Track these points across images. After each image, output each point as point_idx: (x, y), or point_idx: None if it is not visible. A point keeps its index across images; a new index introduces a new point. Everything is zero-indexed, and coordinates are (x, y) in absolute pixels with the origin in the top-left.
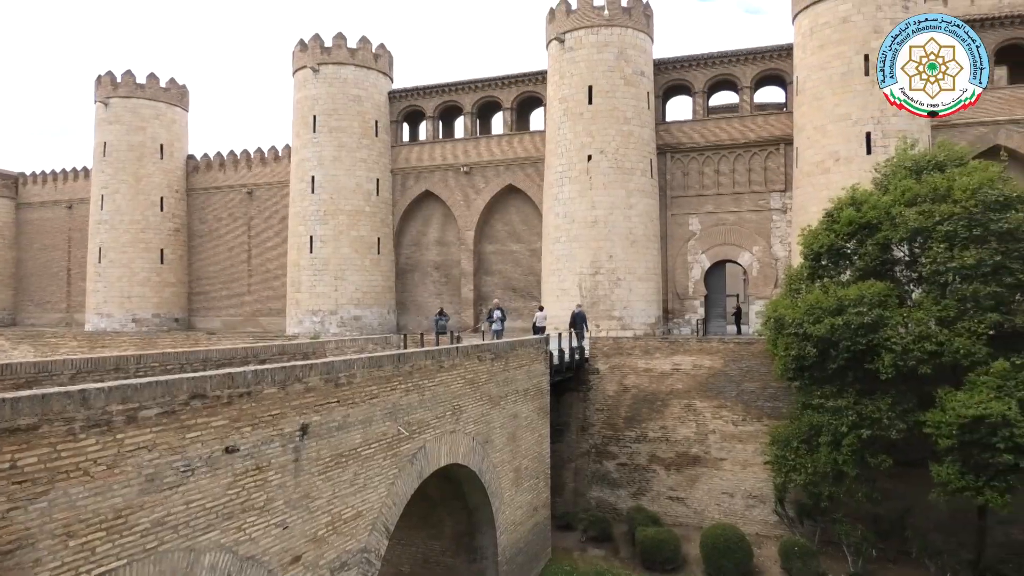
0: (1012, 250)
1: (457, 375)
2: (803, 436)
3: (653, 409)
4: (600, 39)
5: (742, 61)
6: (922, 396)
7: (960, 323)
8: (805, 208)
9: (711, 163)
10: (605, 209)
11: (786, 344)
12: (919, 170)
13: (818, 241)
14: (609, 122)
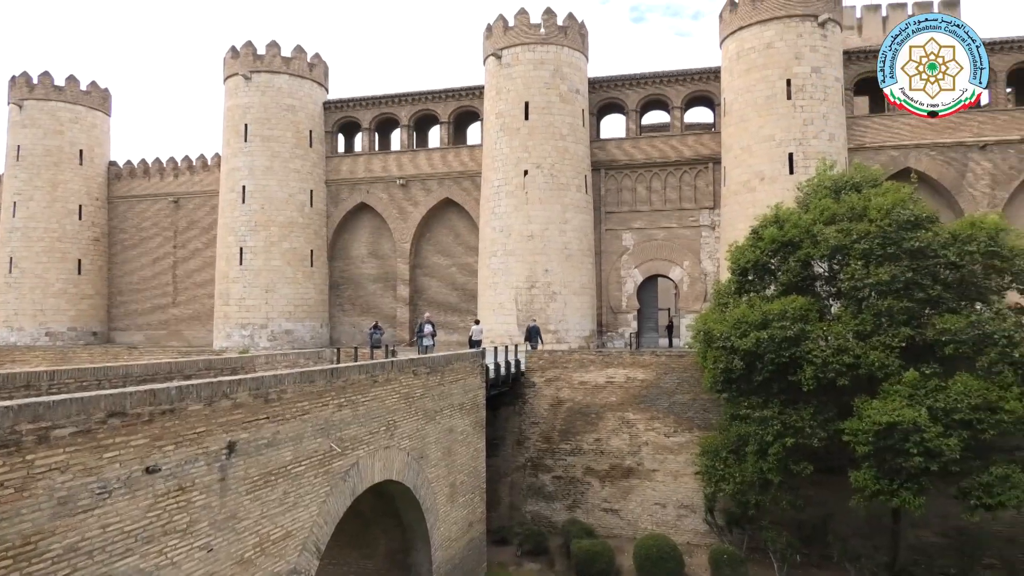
0: (922, 267)
1: (392, 390)
2: (731, 446)
3: (588, 422)
4: (537, 56)
5: (673, 82)
6: (841, 406)
7: (875, 336)
8: (733, 225)
9: (643, 180)
10: (541, 223)
11: (715, 357)
12: (838, 190)
13: (744, 257)
14: (545, 138)
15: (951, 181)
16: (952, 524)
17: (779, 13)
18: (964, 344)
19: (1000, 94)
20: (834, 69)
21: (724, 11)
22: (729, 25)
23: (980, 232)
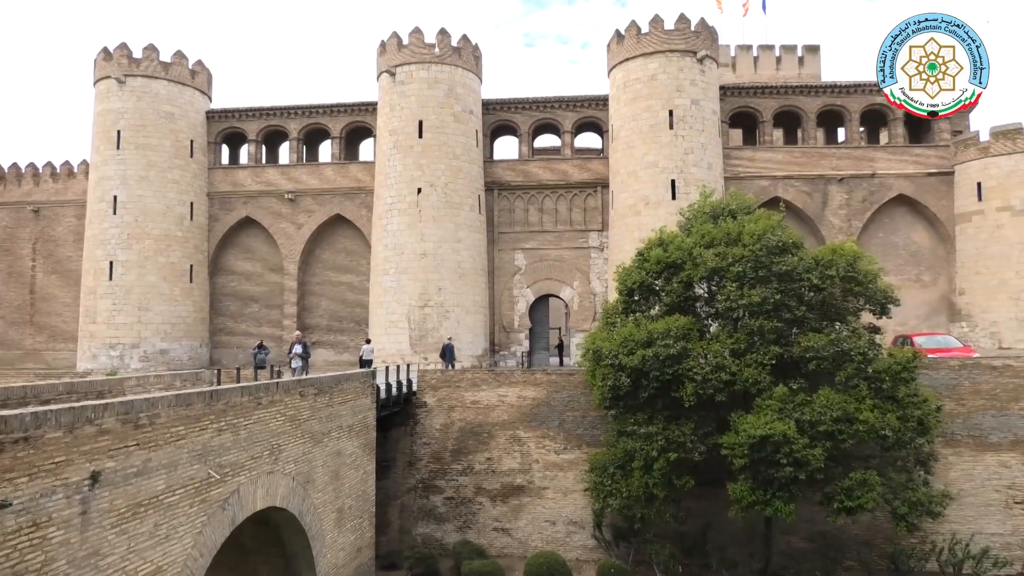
0: (789, 289)
1: (277, 412)
2: (619, 462)
3: (480, 441)
4: (431, 75)
5: (564, 107)
6: (720, 420)
7: (749, 354)
8: (620, 247)
9: (536, 201)
10: (435, 242)
11: (603, 375)
12: (716, 216)
13: (631, 278)
14: (439, 157)
15: (814, 210)
16: (817, 529)
17: (662, 48)
18: (825, 361)
19: (854, 132)
20: (712, 102)
21: (612, 43)
22: (616, 56)
23: (839, 258)
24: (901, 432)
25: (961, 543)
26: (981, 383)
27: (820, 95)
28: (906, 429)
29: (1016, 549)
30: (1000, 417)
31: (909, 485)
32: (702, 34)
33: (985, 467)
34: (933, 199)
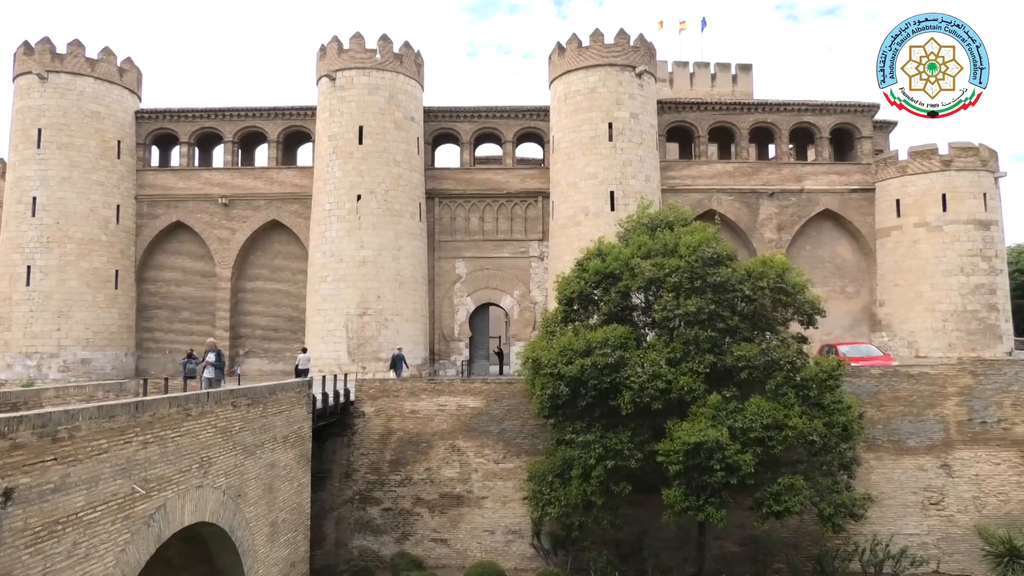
0: (723, 300)
1: (207, 423)
2: (557, 470)
3: (418, 451)
4: (372, 81)
5: (506, 117)
6: (656, 428)
7: (684, 363)
8: (560, 256)
9: (477, 210)
10: (374, 249)
11: (542, 383)
12: (653, 227)
13: (570, 287)
14: (379, 163)
15: (746, 223)
16: (748, 533)
17: (602, 61)
18: (757, 369)
19: (784, 149)
20: (650, 116)
21: (553, 54)
22: (557, 68)
23: (770, 270)
24: (827, 438)
25: (881, 543)
26: (900, 390)
27: (752, 112)
28: (831, 435)
29: (931, 548)
30: (917, 422)
31: (834, 488)
32: (641, 49)
33: (903, 470)
34: (856, 214)
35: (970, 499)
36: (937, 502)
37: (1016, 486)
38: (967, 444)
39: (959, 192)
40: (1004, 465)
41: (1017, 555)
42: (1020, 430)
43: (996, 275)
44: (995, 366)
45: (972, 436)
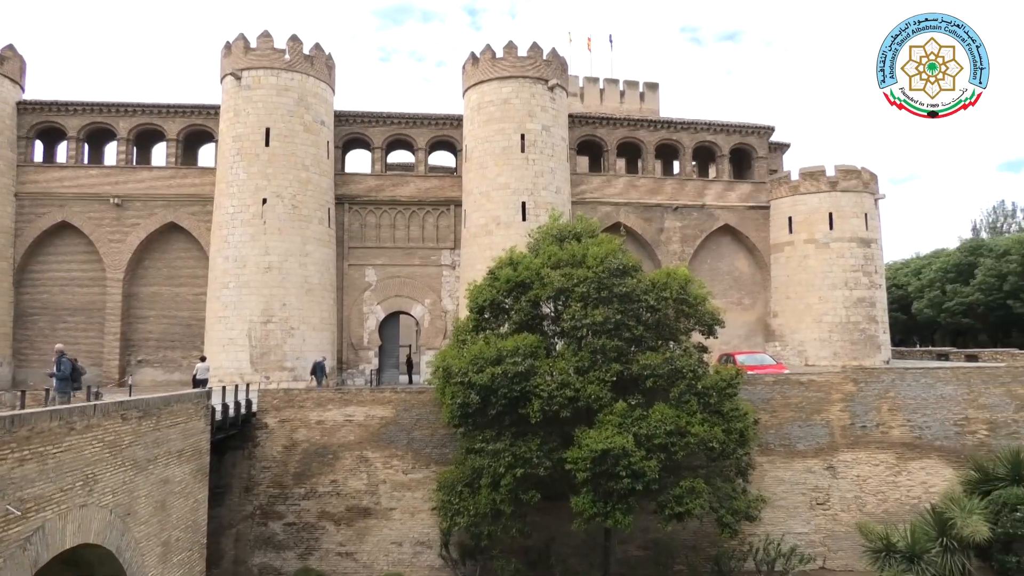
0: (629, 310)
1: (94, 438)
2: (467, 479)
3: (324, 463)
4: (280, 82)
5: (419, 124)
6: (564, 436)
7: (592, 372)
8: (472, 265)
9: (388, 217)
10: (280, 255)
11: (453, 392)
12: (563, 238)
13: (482, 296)
14: (287, 167)
15: (651, 236)
16: (651, 537)
17: (515, 73)
18: (661, 378)
19: (687, 165)
20: (561, 129)
21: (467, 64)
22: (471, 77)
23: (673, 282)
24: (726, 444)
25: (773, 543)
26: (790, 397)
27: (659, 130)
28: (730, 441)
29: (818, 546)
30: (806, 427)
31: (731, 492)
32: (553, 63)
33: (793, 473)
34: (753, 230)
35: (852, 498)
36: (823, 502)
37: (892, 486)
38: (850, 447)
39: (844, 212)
40: (882, 466)
41: (893, 550)
42: (896, 433)
43: (876, 289)
44: (874, 374)
45: (854, 439)
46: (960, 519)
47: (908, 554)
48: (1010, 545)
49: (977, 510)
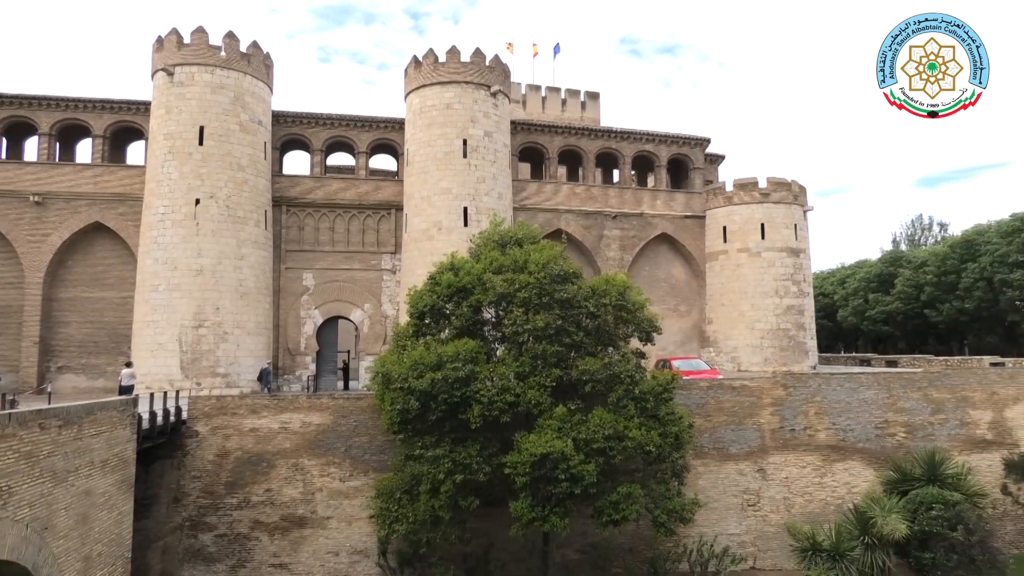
0: (569, 316)
1: (8, 448)
2: (406, 486)
3: (258, 471)
4: (216, 80)
5: (360, 127)
6: (504, 441)
7: (532, 377)
8: (412, 270)
9: (327, 220)
10: (213, 258)
11: (392, 398)
12: (504, 244)
13: (423, 301)
14: (222, 167)
15: (592, 243)
16: (589, 541)
17: (458, 78)
18: (599, 383)
19: (627, 174)
20: (503, 136)
21: (409, 68)
22: (413, 81)
23: (612, 288)
24: (662, 447)
25: (707, 544)
26: (724, 401)
27: (599, 138)
28: (666, 444)
29: (749, 546)
30: (738, 431)
31: (667, 495)
32: (496, 69)
33: (726, 475)
34: (689, 239)
35: (781, 499)
36: (754, 503)
37: (818, 487)
38: (779, 450)
39: (775, 222)
40: (809, 468)
41: (819, 549)
42: (822, 436)
43: (804, 297)
44: (802, 379)
45: (783, 442)
46: (880, 518)
47: (833, 553)
48: (926, 542)
49: (896, 509)
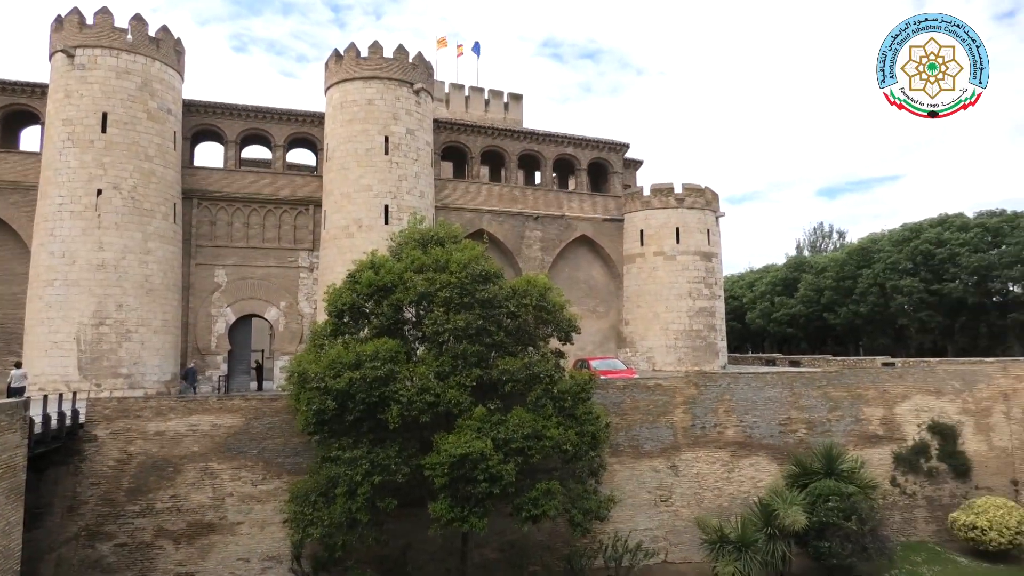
0: (490, 315)
1: None
2: (321, 489)
3: (164, 477)
4: (121, 64)
5: (277, 120)
6: (423, 441)
7: (453, 377)
8: (331, 268)
9: (241, 215)
10: (116, 252)
11: (308, 398)
12: (425, 243)
13: (341, 300)
14: (127, 156)
15: (513, 243)
16: (507, 539)
17: (380, 74)
18: (519, 382)
19: (548, 176)
20: (426, 134)
21: (330, 61)
22: (334, 75)
23: (533, 289)
24: (579, 446)
25: (621, 540)
26: (639, 400)
27: (522, 140)
28: (583, 443)
29: (662, 541)
30: (652, 429)
31: (584, 494)
32: (419, 67)
33: (641, 472)
34: (608, 241)
35: (692, 495)
36: (667, 499)
37: (727, 481)
38: (691, 447)
39: (689, 227)
40: (718, 464)
41: (726, 541)
42: (730, 433)
43: (715, 300)
44: (713, 378)
45: (695, 439)
46: (782, 510)
47: (739, 544)
48: (823, 532)
49: (797, 501)
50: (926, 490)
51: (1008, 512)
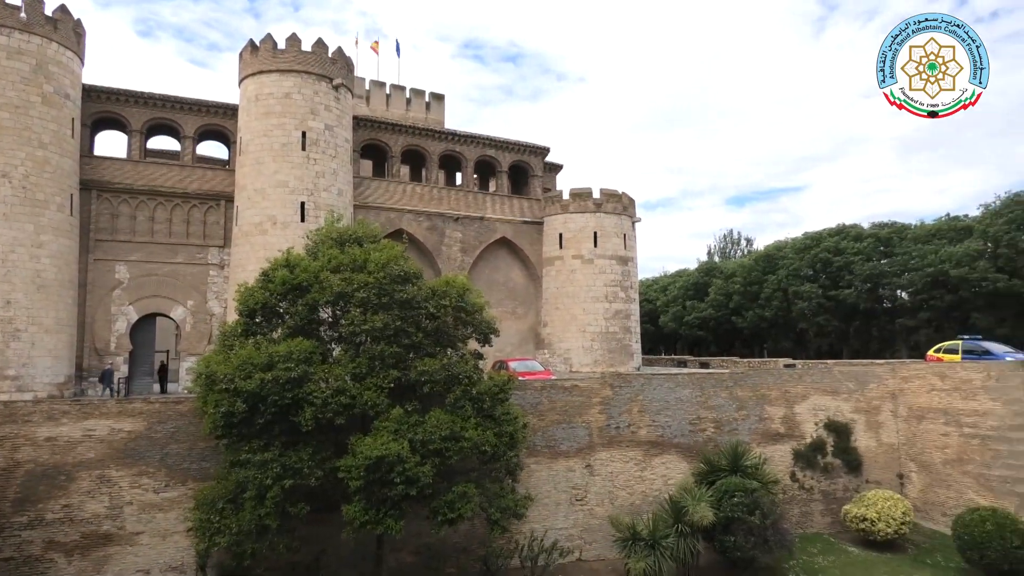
0: (408, 316)
1: None
2: (229, 495)
3: (55, 485)
4: (12, 43)
5: (186, 110)
6: (338, 444)
7: (369, 378)
8: (243, 266)
9: (146, 209)
10: (5, 245)
11: (216, 400)
12: (343, 242)
13: (254, 298)
14: (18, 143)
15: (433, 244)
16: (423, 542)
17: (297, 67)
18: (438, 384)
19: (469, 177)
20: (345, 131)
21: (245, 52)
22: (249, 66)
23: (452, 290)
24: (497, 447)
25: (537, 539)
26: (556, 401)
27: (443, 140)
28: (501, 444)
29: (576, 539)
30: (569, 429)
31: (501, 493)
32: (339, 62)
33: (557, 472)
34: (528, 244)
35: (606, 493)
36: (581, 498)
37: (639, 480)
38: (605, 446)
39: (606, 231)
40: (631, 463)
41: (638, 538)
42: (643, 432)
43: (631, 303)
44: (627, 379)
45: (609, 439)
46: (691, 507)
47: (650, 541)
48: (729, 527)
49: (705, 498)
50: (822, 484)
51: (894, 504)
